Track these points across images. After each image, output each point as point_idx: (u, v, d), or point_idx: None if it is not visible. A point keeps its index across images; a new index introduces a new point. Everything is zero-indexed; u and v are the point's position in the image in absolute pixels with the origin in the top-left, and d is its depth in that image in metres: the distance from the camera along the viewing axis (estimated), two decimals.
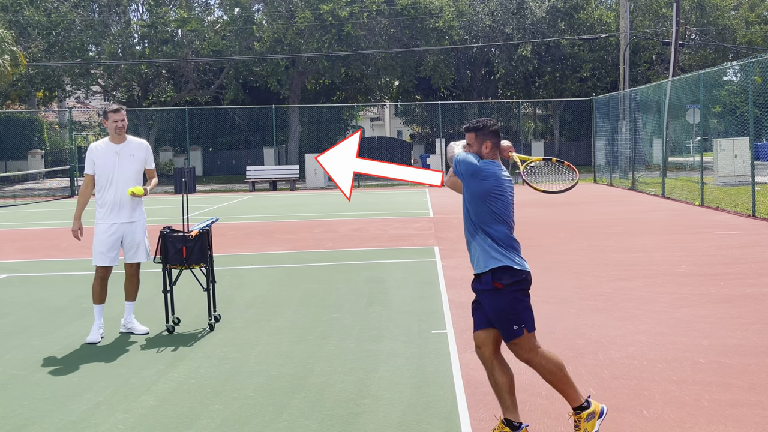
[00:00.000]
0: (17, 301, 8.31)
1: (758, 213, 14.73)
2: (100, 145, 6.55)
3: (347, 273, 9.51)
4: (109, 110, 6.52)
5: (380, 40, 34.11)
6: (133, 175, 6.55)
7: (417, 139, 43.63)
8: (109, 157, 6.47)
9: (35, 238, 14.19)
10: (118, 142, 6.54)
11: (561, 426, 4.35)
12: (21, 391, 5.22)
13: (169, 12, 35.45)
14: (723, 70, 35.49)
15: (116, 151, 6.50)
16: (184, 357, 5.92)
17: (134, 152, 6.58)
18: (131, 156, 6.55)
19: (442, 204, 19.72)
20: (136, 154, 6.59)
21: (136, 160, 6.58)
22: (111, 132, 6.54)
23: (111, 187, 6.46)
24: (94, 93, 39.87)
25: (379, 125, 66.53)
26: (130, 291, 6.74)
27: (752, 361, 5.48)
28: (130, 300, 6.75)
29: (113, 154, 6.48)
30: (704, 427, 4.29)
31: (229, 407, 4.79)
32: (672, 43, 26.40)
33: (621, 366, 5.42)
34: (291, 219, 16.73)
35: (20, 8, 33.75)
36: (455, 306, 7.42)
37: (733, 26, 38.74)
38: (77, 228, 6.64)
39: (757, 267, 9.22)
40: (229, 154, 40.20)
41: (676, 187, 21.92)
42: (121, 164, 6.49)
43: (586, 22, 37.45)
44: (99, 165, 6.46)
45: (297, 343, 6.21)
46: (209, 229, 6.68)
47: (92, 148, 6.53)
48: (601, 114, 28.82)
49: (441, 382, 5.13)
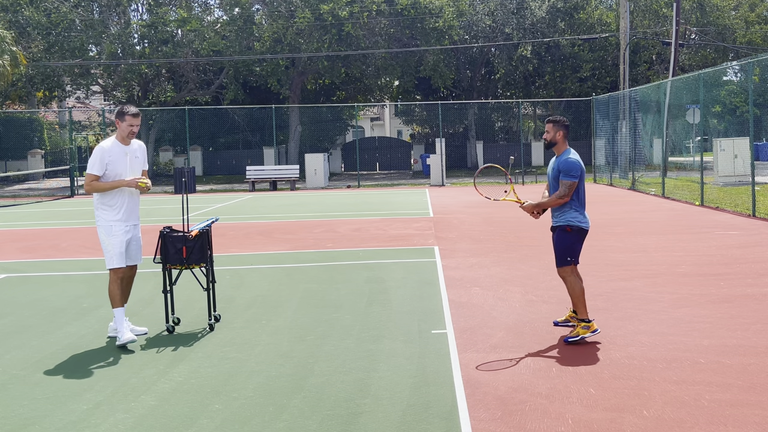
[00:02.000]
0: (17, 301, 8.31)
1: (758, 213, 14.74)
2: (111, 147, 6.42)
3: (347, 273, 9.51)
4: (129, 113, 6.38)
5: (380, 40, 34.11)
6: (139, 176, 6.61)
7: (417, 139, 43.64)
8: (122, 159, 6.43)
9: (35, 238, 14.19)
10: (126, 144, 6.51)
11: (561, 426, 4.35)
12: (21, 391, 5.22)
13: (169, 12, 35.46)
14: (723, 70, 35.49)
15: (126, 153, 6.47)
16: (184, 357, 5.92)
17: (138, 154, 6.60)
18: (137, 158, 6.58)
19: (442, 204, 19.72)
20: (140, 156, 6.63)
21: (140, 161, 6.63)
22: (123, 134, 6.44)
23: (124, 189, 6.45)
24: (94, 93, 39.89)
25: (379, 125, 66.55)
26: (126, 294, 6.69)
27: (752, 361, 5.48)
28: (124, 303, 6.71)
29: (124, 156, 6.45)
30: (704, 427, 4.29)
31: (229, 407, 4.79)
32: (672, 43, 26.40)
33: (621, 366, 5.42)
34: (291, 219, 16.73)
35: (20, 8, 33.76)
36: (455, 306, 7.42)
37: (733, 26, 38.75)
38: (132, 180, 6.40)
39: (757, 267, 9.22)
40: (229, 154, 40.22)
41: (676, 187, 21.92)
42: (132, 166, 6.51)
43: (586, 22, 37.46)
44: (112, 168, 6.37)
45: (297, 343, 6.21)
46: (209, 229, 6.68)
47: (105, 150, 6.37)
48: (601, 114, 28.83)
49: (441, 382, 5.13)
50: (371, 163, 41.31)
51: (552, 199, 6.12)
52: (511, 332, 6.41)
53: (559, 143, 6.19)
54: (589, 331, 5.99)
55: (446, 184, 29.01)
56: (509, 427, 4.35)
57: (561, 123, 6.19)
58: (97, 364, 5.83)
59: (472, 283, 8.57)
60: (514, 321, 6.79)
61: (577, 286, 6.07)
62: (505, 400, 4.77)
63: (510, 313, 7.09)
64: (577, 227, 6.08)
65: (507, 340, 6.18)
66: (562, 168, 6.07)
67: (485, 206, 18.33)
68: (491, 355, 5.75)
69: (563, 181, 6.06)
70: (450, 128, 41.23)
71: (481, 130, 41.33)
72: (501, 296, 7.87)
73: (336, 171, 40.25)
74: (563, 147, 6.20)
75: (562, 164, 6.09)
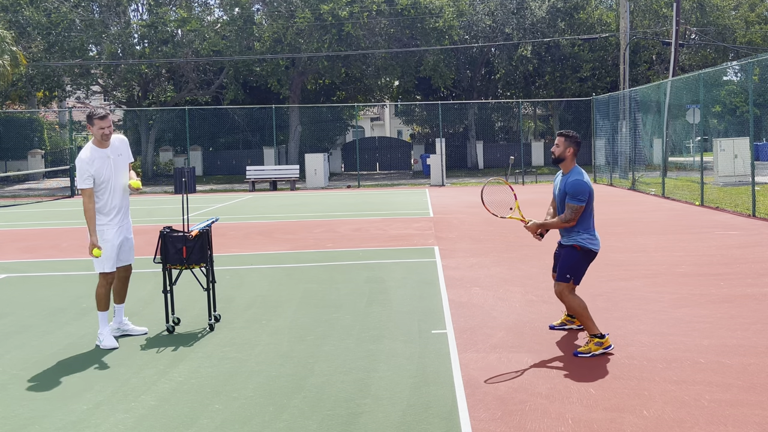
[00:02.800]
0: (17, 301, 8.31)
1: (758, 213, 14.73)
2: (90, 155, 6.28)
3: (347, 273, 9.51)
4: (96, 116, 6.24)
5: (380, 40, 34.11)
6: (126, 173, 6.53)
7: (417, 139, 43.65)
8: (104, 164, 6.32)
9: (35, 238, 14.19)
10: (104, 146, 6.37)
11: (561, 426, 4.35)
12: (21, 391, 5.22)
13: (169, 12, 35.45)
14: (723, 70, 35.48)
15: (108, 156, 6.35)
16: (184, 357, 5.92)
17: (121, 151, 6.48)
18: (120, 156, 6.46)
19: (442, 204, 19.72)
20: (123, 152, 6.51)
21: (124, 158, 6.53)
22: (97, 138, 6.31)
23: (112, 193, 6.38)
24: (94, 93, 39.88)
25: (379, 125, 66.55)
26: (123, 294, 6.68)
27: (752, 361, 5.48)
28: (121, 302, 6.70)
29: (106, 160, 6.34)
30: (704, 427, 4.29)
31: (229, 407, 4.79)
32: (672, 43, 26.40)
33: (621, 366, 5.42)
34: (291, 219, 16.73)
35: (20, 8, 33.75)
36: (455, 306, 7.42)
37: (733, 26, 38.74)
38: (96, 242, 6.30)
39: (757, 267, 9.22)
40: (229, 154, 40.22)
41: (676, 187, 21.92)
42: (117, 167, 6.41)
43: (586, 22, 37.45)
44: (98, 175, 6.29)
45: (297, 343, 6.21)
46: (209, 229, 6.68)
47: (85, 161, 6.23)
48: (601, 114, 28.83)
49: (441, 382, 5.13)
50: (371, 163, 41.30)
51: (556, 222, 5.87)
52: (511, 332, 6.41)
53: (567, 160, 5.90)
54: (601, 348, 5.68)
55: (446, 184, 29.01)
56: (509, 427, 4.35)
57: (573, 139, 5.91)
58: (97, 364, 5.83)
59: (472, 283, 8.57)
60: (514, 321, 6.79)
61: (575, 304, 5.75)
62: (505, 400, 4.77)
63: (510, 313, 7.09)
64: (587, 248, 5.85)
65: (507, 340, 6.18)
66: (570, 191, 5.79)
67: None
68: (491, 355, 5.75)
69: (570, 204, 5.77)
70: (450, 128, 41.22)
71: (481, 130, 41.33)
72: (501, 296, 7.87)
73: (336, 171, 40.25)
74: (571, 165, 5.92)
75: (569, 187, 5.80)
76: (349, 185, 30.49)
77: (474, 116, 39.90)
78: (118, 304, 6.69)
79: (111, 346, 6.28)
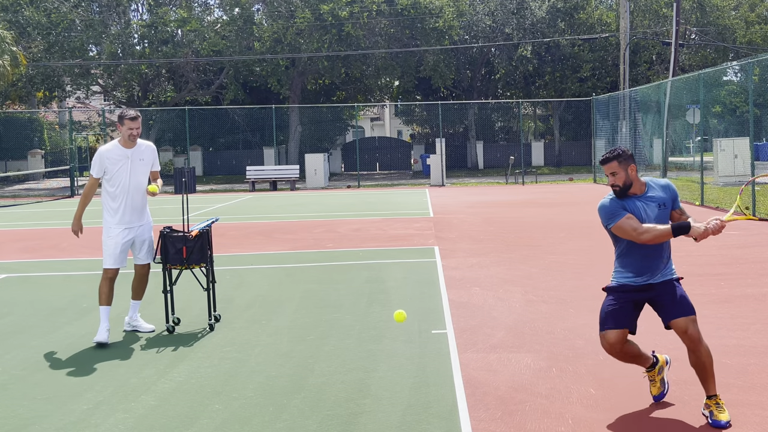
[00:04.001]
0: (17, 301, 8.30)
1: (758, 213, 14.73)
2: (111, 150, 6.48)
3: (347, 273, 9.51)
4: (127, 117, 6.44)
5: (380, 40, 34.11)
6: (144, 178, 6.62)
7: (417, 139, 43.65)
8: (122, 162, 6.46)
9: (35, 238, 14.19)
10: (129, 147, 6.53)
11: (561, 426, 4.35)
12: (21, 391, 5.22)
13: (169, 12, 35.45)
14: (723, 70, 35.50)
15: (127, 156, 6.49)
16: (184, 357, 5.91)
17: (144, 156, 6.60)
18: (141, 160, 6.57)
19: (442, 204, 19.72)
20: (145, 158, 6.62)
21: (146, 164, 6.63)
22: (124, 138, 6.50)
23: (125, 193, 6.47)
24: (94, 93, 39.88)
25: (379, 125, 66.52)
26: (139, 291, 6.77)
27: (752, 361, 5.48)
28: (137, 299, 6.78)
29: (125, 159, 6.48)
30: (705, 428, 4.29)
31: (229, 407, 4.78)
32: (672, 43, 26.40)
33: (621, 366, 5.42)
34: (291, 219, 16.73)
35: (20, 8, 33.76)
36: (455, 306, 7.42)
37: (733, 26, 38.73)
38: (78, 228, 6.66)
39: (757, 267, 9.22)
40: (229, 154, 40.22)
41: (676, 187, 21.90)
42: (134, 169, 6.51)
43: (586, 22, 37.45)
44: (111, 171, 6.44)
45: (297, 343, 6.21)
46: (209, 229, 6.68)
47: (103, 154, 6.46)
48: (601, 114, 28.83)
49: (441, 382, 5.13)
50: (371, 163, 41.30)
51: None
52: (511, 332, 6.41)
53: (636, 180, 4.56)
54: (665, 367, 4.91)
55: (446, 184, 29.01)
56: (509, 427, 4.35)
57: (626, 155, 4.52)
58: (97, 364, 5.83)
59: (472, 283, 8.57)
60: (514, 321, 6.79)
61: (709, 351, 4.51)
62: (505, 400, 4.77)
63: (510, 313, 7.09)
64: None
65: (507, 340, 6.18)
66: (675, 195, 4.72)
67: (485, 206, 18.33)
68: (491, 355, 5.74)
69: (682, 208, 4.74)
70: (450, 128, 41.22)
71: (481, 130, 41.32)
72: (501, 296, 7.87)
73: (336, 171, 40.24)
74: (639, 180, 4.60)
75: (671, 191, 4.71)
76: (349, 185, 30.49)
77: (474, 116, 39.90)
78: (133, 300, 6.79)
79: (98, 340, 6.33)
